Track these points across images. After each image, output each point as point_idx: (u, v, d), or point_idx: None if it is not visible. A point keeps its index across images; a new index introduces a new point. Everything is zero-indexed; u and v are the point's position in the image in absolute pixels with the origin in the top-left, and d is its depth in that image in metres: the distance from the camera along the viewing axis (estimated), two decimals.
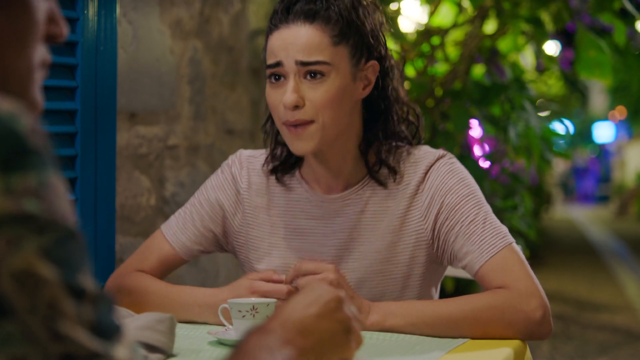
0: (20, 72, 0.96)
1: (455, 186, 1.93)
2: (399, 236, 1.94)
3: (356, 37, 1.88)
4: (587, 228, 18.06)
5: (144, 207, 2.86)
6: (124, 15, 2.71)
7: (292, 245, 2.00)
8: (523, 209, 4.60)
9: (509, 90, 4.00)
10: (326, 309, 1.19)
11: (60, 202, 0.84)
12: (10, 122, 0.82)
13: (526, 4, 3.91)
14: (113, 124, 2.45)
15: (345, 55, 1.87)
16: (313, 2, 1.86)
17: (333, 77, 1.85)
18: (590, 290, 8.95)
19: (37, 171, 0.82)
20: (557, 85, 9.50)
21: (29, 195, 0.80)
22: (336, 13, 1.86)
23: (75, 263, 0.83)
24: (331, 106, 1.85)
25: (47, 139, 0.85)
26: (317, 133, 1.86)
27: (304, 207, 2.01)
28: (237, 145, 3.49)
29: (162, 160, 2.96)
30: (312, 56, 1.84)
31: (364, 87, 1.93)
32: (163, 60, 2.96)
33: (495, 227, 1.90)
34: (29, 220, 0.80)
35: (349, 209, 1.97)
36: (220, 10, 3.36)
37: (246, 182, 2.05)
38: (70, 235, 0.84)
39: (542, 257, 11.16)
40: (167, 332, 1.60)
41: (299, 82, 1.85)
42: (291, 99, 1.84)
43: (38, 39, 0.98)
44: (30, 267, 0.80)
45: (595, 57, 3.73)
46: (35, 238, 0.80)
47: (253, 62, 3.63)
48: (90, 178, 2.36)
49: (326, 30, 1.85)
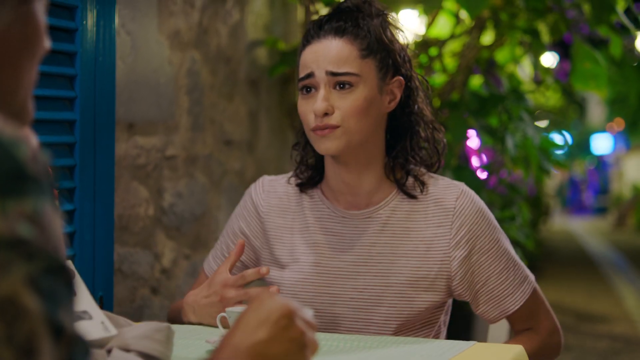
0: (26, 86, 0.97)
1: (487, 230, 2.04)
2: (423, 262, 2.02)
3: (383, 53, 2.00)
4: (586, 239, 18.06)
5: (142, 217, 2.86)
6: (123, 26, 2.72)
7: (310, 260, 2.07)
8: (521, 219, 4.61)
9: (507, 101, 4.02)
10: (277, 330, 1.14)
11: (54, 232, 0.82)
12: (12, 148, 0.81)
13: (523, 15, 3.93)
14: (112, 134, 2.46)
15: (372, 68, 1.99)
16: (343, 19, 2.00)
17: (361, 88, 1.96)
18: (589, 301, 8.94)
19: (34, 198, 0.81)
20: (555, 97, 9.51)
21: (23, 220, 0.79)
22: (364, 30, 1.99)
23: (59, 298, 0.81)
24: (358, 114, 1.96)
25: (47, 168, 0.85)
26: (342, 136, 1.96)
27: (324, 223, 2.10)
28: (235, 156, 3.50)
29: (160, 170, 2.97)
30: (342, 67, 1.96)
31: (389, 101, 2.03)
32: (161, 71, 2.97)
33: (522, 272, 2.09)
34: (20, 245, 0.78)
35: (369, 227, 2.05)
36: (219, 21, 3.37)
37: (267, 205, 2.18)
38: (59, 268, 0.82)
39: (540, 268, 11.15)
40: (164, 341, 1.60)
41: (329, 92, 1.97)
42: (322, 106, 1.95)
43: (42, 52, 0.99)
44: (15, 295, 0.77)
45: (591, 69, 3.75)
46: (24, 265, 0.78)
47: (251, 73, 3.64)
48: (89, 188, 2.37)
49: (355, 44, 1.98)
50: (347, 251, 2.05)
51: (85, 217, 2.35)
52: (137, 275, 2.84)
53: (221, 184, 3.40)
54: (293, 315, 1.16)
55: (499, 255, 2.04)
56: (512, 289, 2.04)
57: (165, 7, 2.98)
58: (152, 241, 2.91)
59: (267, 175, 2.26)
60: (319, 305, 2.04)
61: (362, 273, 2.02)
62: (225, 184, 3.43)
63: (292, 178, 2.17)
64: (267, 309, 1.16)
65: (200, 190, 3.23)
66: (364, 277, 2.02)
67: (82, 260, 2.34)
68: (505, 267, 2.04)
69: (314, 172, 2.14)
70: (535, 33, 4.05)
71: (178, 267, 3.09)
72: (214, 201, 3.35)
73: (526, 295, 2.06)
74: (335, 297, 2.03)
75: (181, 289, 3.11)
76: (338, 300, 2.03)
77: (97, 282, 2.40)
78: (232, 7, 3.48)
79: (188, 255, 3.16)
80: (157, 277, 2.96)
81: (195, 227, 3.21)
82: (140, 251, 2.85)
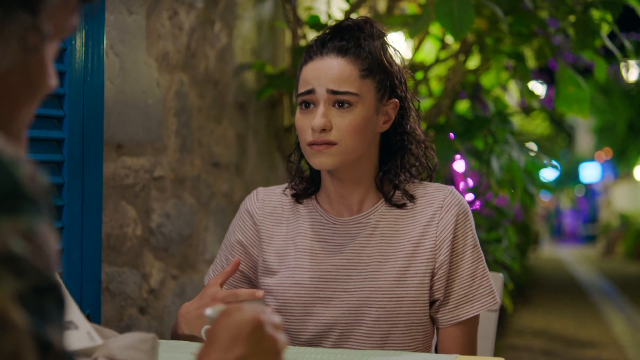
0: (23, 119, 0.99)
1: (468, 233, 2.09)
2: (411, 261, 2.06)
3: (382, 75, 2.05)
4: (574, 267, 18.08)
5: (130, 237, 2.88)
6: (111, 47, 2.75)
7: (301, 265, 2.12)
8: (507, 242, 4.63)
9: (492, 124, 4.05)
10: (252, 343, 1.15)
11: (46, 251, 0.83)
12: (10, 167, 0.83)
13: (508, 39, 3.97)
14: (100, 153, 2.48)
15: (371, 88, 2.03)
16: (346, 39, 2.04)
17: (360, 107, 2.01)
18: (577, 328, 8.95)
19: (29, 216, 0.82)
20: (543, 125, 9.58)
21: (16, 236, 0.80)
22: (365, 51, 2.03)
23: (47, 315, 0.82)
24: (354, 133, 2.01)
25: (45, 188, 0.86)
26: (338, 154, 2.02)
27: (316, 229, 2.14)
28: (223, 178, 3.52)
29: (148, 191, 2.99)
30: (343, 86, 2.00)
31: (384, 122, 2.08)
32: (150, 93, 2.99)
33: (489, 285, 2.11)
34: (11, 260, 0.79)
35: (359, 231, 2.11)
36: (207, 44, 3.40)
37: (262, 213, 2.22)
38: (49, 286, 0.83)
39: (529, 296, 11.18)
40: (149, 352, 1.61)
41: (328, 109, 2.02)
42: (321, 122, 2.00)
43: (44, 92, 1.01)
44: (2, 310, 0.78)
45: (574, 93, 3.79)
46: (14, 281, 0.79)
47: (239, 96, 3.67)
48: (77, 206, 2.39)
49: (356, 64, 2.02)
50: (338, 255, 2.10)
51: (73, 235, 2.37)
52: (125, 295, 2.85)
53: (209, 205, 3.43)
54: (263, 325, 1.18)
55: (473, 260, 2.09)
56: (472, 297, 2.08)
57: (154, 30, 3.01)
58: (140, 261, 2.93)
59: (261, 187, 2.31)
60: (312, 308, 2.08)
61: (353, 276, 2.07)
62: (213, 206, 3.45)
63: (287, 189, 2.23)
64: (238, 324, 1.16)
65: (188, 212, 3.25)
66: (355, 279, 2.06)
67: (70, 278, 2.35)
68: (473, 272, 2.08)
69: (309, 183, 2.19)
70: (521, 57, 4.09)
71: (166, 287, 3.10)
72: (202, 222, 3.37)
73: (483, 308, 2.08)
74: (327, 300, 2.07)
75: (169, 309, 3.12)
76: (330, 303, 2.06)
77: (85, 300, 2.41)
78: (220, 31, 3.51)
79: (176, 276, 3.17)
80: (145, 297, 2.97)
81: (183, 248, 3.23)
82: (128, 271, 2.86)
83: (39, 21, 0.95)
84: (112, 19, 2.75)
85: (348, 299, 2.05)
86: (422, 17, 3.52)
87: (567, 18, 3.96)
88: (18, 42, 0.93)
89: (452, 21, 3.20)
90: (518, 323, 8.87)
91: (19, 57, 0.94)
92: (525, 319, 9.26)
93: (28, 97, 0.99)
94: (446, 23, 3.22)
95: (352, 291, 2.05)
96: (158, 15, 3.03)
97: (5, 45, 0.93)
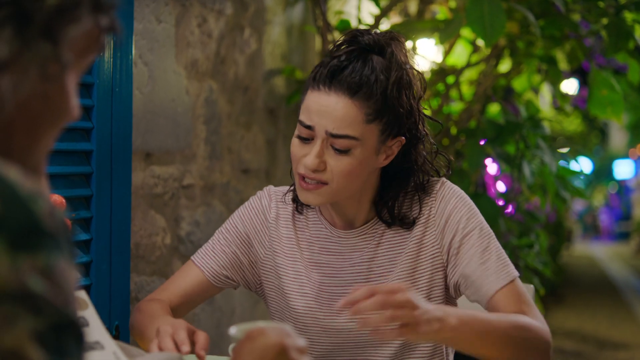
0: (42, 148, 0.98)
1: (468, 213, 2.00)
2: (417, 261, 2.00)
3: (390, 116, 1.90)
4: (607, 265, 17.95)
5: (159, 246, 2.88)
6: (140, 57, 2.75)
7: (314, 278, 2.06)
8: (539, 247, 4.60)
9: (523, 129, 4.02)
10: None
11: (66, 288, 0.82)
12: (29, 202, 0.82)
13: (540, 43, 3.93)
14: (128, 164, 2.48)
15: (375, 132, 1.90)
16: (359, 74, 1.87)
17: (358, 151, 1.89)
18: (610, 328, 8.88)
19: (48, 253, 0.81)
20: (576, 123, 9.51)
21: (34, 274, 0.79)
22: (378, 92, 1.87)
23: (66, 353, 0.81)
24: (349, 177, 1.91)
25: (65, 223, 0.85)
26: (327, 194, 1.93)
27: (323, 243, 2.07)
28: (253, 185, 3.51)
29: (177, 199, 2.99)
30: (343, 130, 1.87)
31: (385, 158, 1.97)
32: (179, 101, 2.99)
33: (506, 258, 1.99)
34: (29, 299, 0.78)
35: (366, 243, 2.04)
36: (236, 50, 3.39)
37: (275, 213, 2.13)
38: (68, 324, 0.82)
39: (561, 295, 11.10)
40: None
41: (324, 148, 1.90)
42: (313, 163, 1.90)
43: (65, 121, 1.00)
44: (19, 349, 0.77)
45: (608, 96, 3.74)
46: (32, 319, 0.78)
47: (268, 102, 3.67)
48: (106, 218, 2.39)
49: (363, 107, 1.87)
50: (347, 269, 2.04)
51: (102, 246, 2.37)
52: None
53: None
54: (287, 350, 1.18)
55: (481, 238, 1.97)
56: (491, 271, 1.94)
57: (183, 38, 3.00)
58: (169, 270, 2.93)
59: (272, 186, 2.22)
60: (324, 323, 2.03)
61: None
62: None
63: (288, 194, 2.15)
64: (262, 348, 1.17)
65: (217, 219, 3.24)
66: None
67: (99, 290, 2.36)
68: (487, 249, 1.96)
69: None
70: (553, 61, 4.05)
71: None
72: None
73: (505, 281, 1.93)
74: (339, 314, 2.00)
75: (198, 317, 3.12)
76: (342, 316, 2.00)
77: (114, 311, 2.41)
78: (249, 37, 3.50)
79: None
80: None
81: None
82: (157, 280, 2.86)
83: (59, 51, 0.94)
84: (141, 27, 2.74)
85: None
86: (453, 22, 3.49)
87: (600, 20, 3.91)
88: (38, 70, 0.92)
89: (483, 26, 3.17)
90: (550, 323, 8.81)
91: (38, 86, 0.94)
92: (557, 319, 9.19)
93: (48, 126, 0.98)
94: (477, 28, 3.19)
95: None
96: (187, 23, 3.03)
97: (25, 73, 0.92)
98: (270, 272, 2.11)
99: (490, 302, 1.93)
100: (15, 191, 0.82)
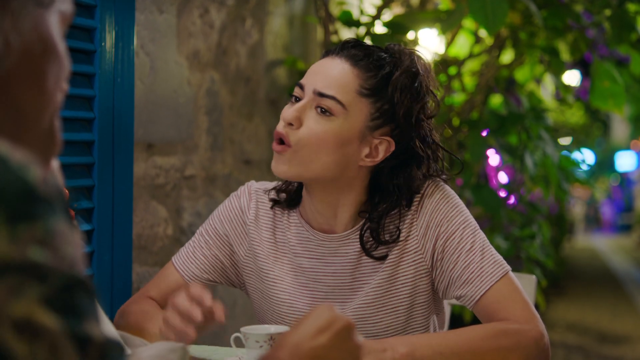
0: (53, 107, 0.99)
1: (450, 213, 1.90)
2: (397, 269, 1.92)
3: (387, 105, 1.85)
4: (609, 257, 17.95)
5: (161, 237, 2.88)
6: (142, 47, 2.74)
7: (298, 281, 1.99)
8: (541, 238, 4.59)
9: (526, 120, 4.02)
10: (337, 338, 1.18)
11: (69, 249, 0.82)
12: (21, 172, 0.82)
13: (542, 33, 3.93)
14: (130, 154, 2.47)
15: (364, 111, 1.83)
16: (370, 49, 1.86)
17: (340, 122, 1.82)
18: (612, 321, 8.88)
19: (45, 219, 0.81)
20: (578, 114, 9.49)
21: (34, 243, 0.79)
22: (382, 71, 1.84)
23: (80, 311, 0.81)
24: (319, 145, 1.82)
25: (59, 187, 0.85)
26: (292, 160, 1.84)
27: (305, 245, 1.99)
28: (255, 175, 3.51)
29: (179, 190, 2.98)
30: (331, 90, 1.81)
31: (366, 155, 1.87)
32: (180, 92, 2.99)
33: (492, 255, 1.89)
34: (32, 268, 0.78)
35: (349, 249, 1.95)
36: (238, 41, 3.39)
37: (253, 214, 2.04)
38: (77, 283, 0.82)
39: (563, 287, 11.10)
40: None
41: (308, 109, 1.83)
42: (291, 115, 1.83)
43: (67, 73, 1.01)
44: (31, 316, 0.78)
45: (610, 88, 3.74)
46: (37, 286, 0.78)
47: (270, 92, 3.66)
48: (107, 208, 2.38)
49: (360, 78, 1.83)
50: (330, 275, 1.96)
51: (104, 237, 2.37)
52: None
53: None
54: (353, 330, 1.22)
55: (464, 239, 1.88)
56: (479, 271, 1.86)
57: (185, 28, 3.00)
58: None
59: (254, 181, 2.14)
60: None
61: (348, 296, 1.95)
62: None
63: (272, 191, 2.05)
64: (329, 318, 1.20)
65: None
66: (351, 299, 1.94)
67: (101, 280, 2.36)
68: (472, 248, 1.87)
69: (294, 194, 2.02)
70: (555, 52, 4.04)
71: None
72: None
73: (496, 278, 1.85)
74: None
75: None
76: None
77: (115, 301, 2.40)
78: (251, 28, 3.50)
79: None
80: None
81: None
82: (159, 270, 2.85)
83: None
84: (143, 18, 2.74)
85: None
86: (455, 13, 3.49)
87: (603, 12, 3.91)
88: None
89: (485, 16, 3.17)
90: (552, 315, 8.81)
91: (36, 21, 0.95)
92: (559, 311, 9.19)
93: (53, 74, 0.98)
94: (480, 18, 3.19)
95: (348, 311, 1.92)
96: (189, 13, 3.02)
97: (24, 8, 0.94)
98: (252, 274, 2.05)
99: (479, 305, 1.87)
100: (6, 162, 0.82)
